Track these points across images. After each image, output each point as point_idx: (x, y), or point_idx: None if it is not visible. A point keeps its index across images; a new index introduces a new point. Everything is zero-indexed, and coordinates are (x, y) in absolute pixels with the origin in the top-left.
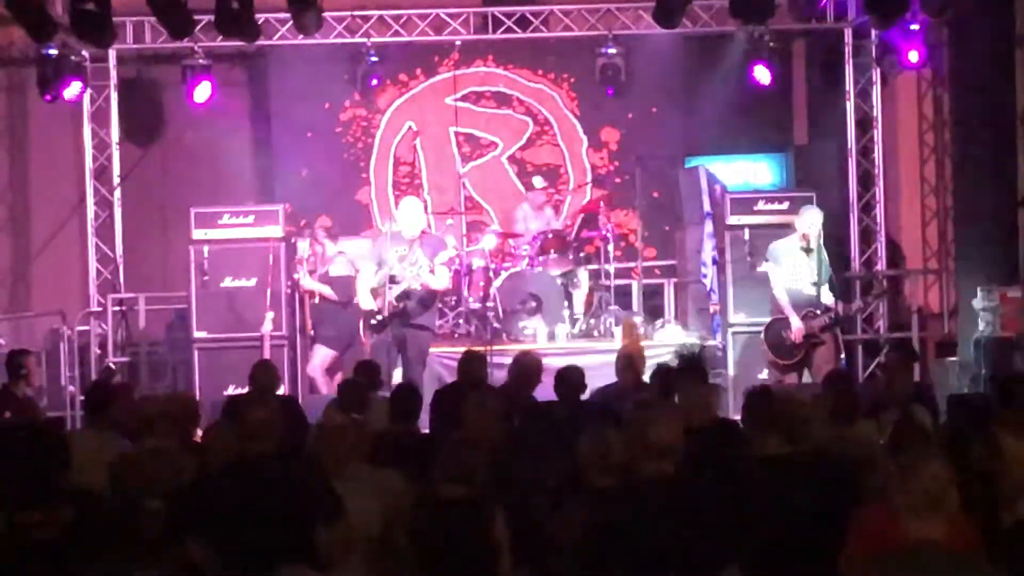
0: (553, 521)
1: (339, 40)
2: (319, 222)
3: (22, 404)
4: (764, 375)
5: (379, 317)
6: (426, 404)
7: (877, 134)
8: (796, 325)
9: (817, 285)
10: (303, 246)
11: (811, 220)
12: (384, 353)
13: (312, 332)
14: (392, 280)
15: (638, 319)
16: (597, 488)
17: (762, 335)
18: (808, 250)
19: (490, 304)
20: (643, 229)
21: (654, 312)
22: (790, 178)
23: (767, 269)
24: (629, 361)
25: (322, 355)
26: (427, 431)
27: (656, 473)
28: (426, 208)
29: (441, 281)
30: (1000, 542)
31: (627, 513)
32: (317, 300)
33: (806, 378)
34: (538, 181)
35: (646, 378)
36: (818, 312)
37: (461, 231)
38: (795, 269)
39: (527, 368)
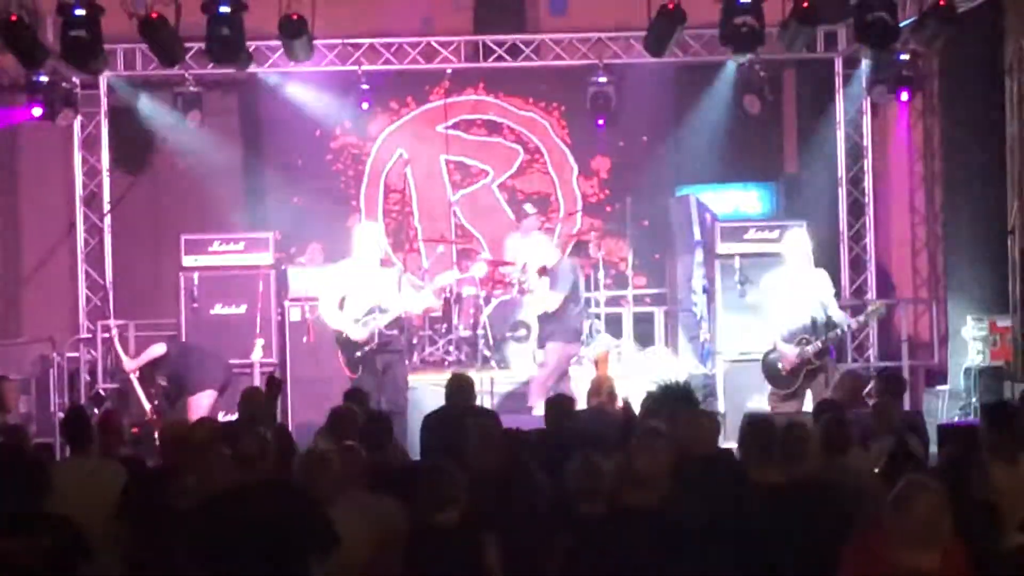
0: (542, 548)
1: (330, 68)
2: (309, 249)
3: (5, 432)
4: (754, 403)
5: (366, 349)
6: (414, 430)
7: (867, 163)
8: (789, 353)
9: (824, 306)
10: None
11: (792, 242)
12: (371, 383)
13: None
14: (379, 309)
15: (613, 348)
16: (584, 515)
17: (761, 366)
18: (792, 278)
19: (480, 331)
20: (633, 257)
21: (644, 340)
22: (780, 207)
23: (758, 300)
24: (597, 389)
25: (206, 403)
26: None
27: (641, 502)
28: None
29: (426, 304)
30: (994, 571)
31: (612, 541)
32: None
33: (809, 406)
34: (529, 208)
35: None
36: (811, 338)
37: (451, 259)
38: (788, 298)
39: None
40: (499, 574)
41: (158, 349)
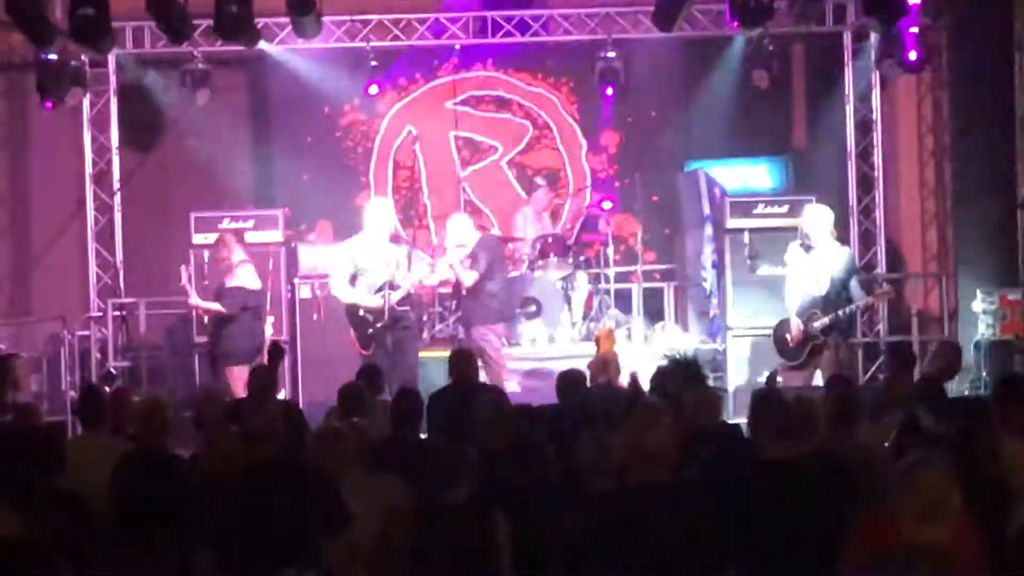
0: (551, 524)
1: (339, 44)
2: (318, 226)
3: (17, 409)
4: (763, 378)
5: (378, 325)
6: None
7: (877, 137)
8: (794, 325)
9: (839, 282)
10: (224, 251)
11: (813, 217)
12: (383, 359)
13: (214, 350)
14: (391, 286)
15: (620, 323)
16: (594, 491)
17: (772, 338)
18: (809, 248)
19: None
20: (643, 233)
21: (654, 315)
22: (790, 182)
23: (769, 272)
24: (604, 367)
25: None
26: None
27: (650, 478)
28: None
29: (442, 276)
30: (1004, 546)
31: (622, 517)
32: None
33: (818, 380)
34: (539, 180)
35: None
36: (819, 314)
37: None
38: (799, 271)
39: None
40: (509, 551)
41: (218, 306)
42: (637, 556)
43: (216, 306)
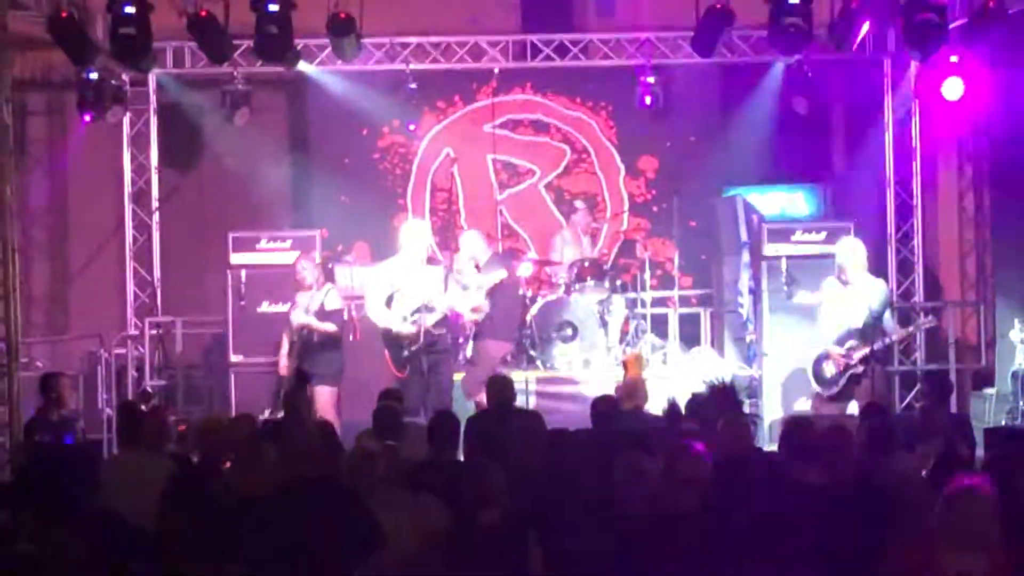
0: (584, 548)
1: (378, 67)
2: (356, 247)
3: (56, 427)
4: (800, 404)
5: (413, 348)
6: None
7: (916, 165)
8: (833, 355)
9: (875, 315)
10: (308, 271)
11: (847, 249)
12: (418, 382)
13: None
14: (427, 308)
15: (656, 347)
16: (627, 516)
17: (810, 369)
18: (845, 282)
19: (526, 331)
20: (680, 258)
21: (690, 341)
22: (827, 209)
23: (805, 300)
24: (632, 391)
25: (327, 395)
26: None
27: (683, 504)
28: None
29: (474, 304)
30: None
31: (654, 543)
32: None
33: (853, 410)
34: (579, 204)
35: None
36: (858, 344)
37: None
38: (836, 303)
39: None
40: (541, 573)
41: (328, 326)
42: None
43: (330, 326)
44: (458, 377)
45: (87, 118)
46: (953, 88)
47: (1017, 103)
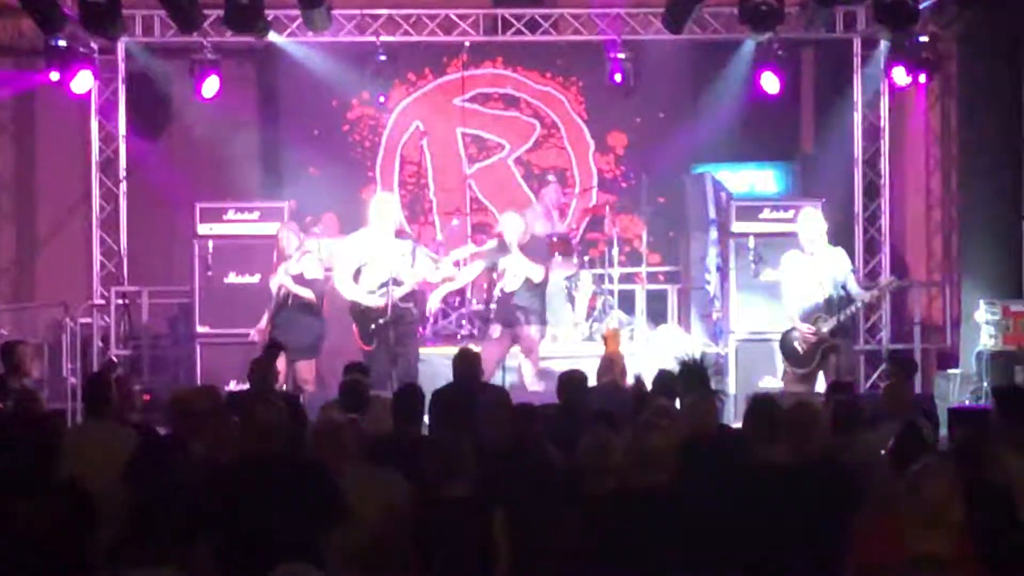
0: (551, 523)
1: (348, 38)
2: (324, 219)
3: (19, 395)
4: (766, 382)
5: (380, 321)
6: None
7: (884, 144)
8: (803, 330)
9: (840, 284)
10: (290, 239)
11: (807, 221)
12: (383, 355)
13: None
14: (395, 281)
15: (624, 323)
16: (594, 492)
17: (778, 346)
18: (808, 253)
19: (493, 306)
20: (648, 234)
21: (657, 317)
22: (796, 187)
23: (772, 279)
24: (609, 366)
25: (305, 367)
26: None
27: (650, 481)
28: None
29: (445, 275)
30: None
31: (621, 519)
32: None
33: (821, 387)
34: (550, 177)
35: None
36: (826, 316)
37: (466, 232)
38: (801, 277)
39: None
40: (508, 548)
41: (304, 291)
42: (635, 558)
43: (307, 292)
44: (427, 352)
45: (52, 70)
46: (922, 67)
47: (984, 82)
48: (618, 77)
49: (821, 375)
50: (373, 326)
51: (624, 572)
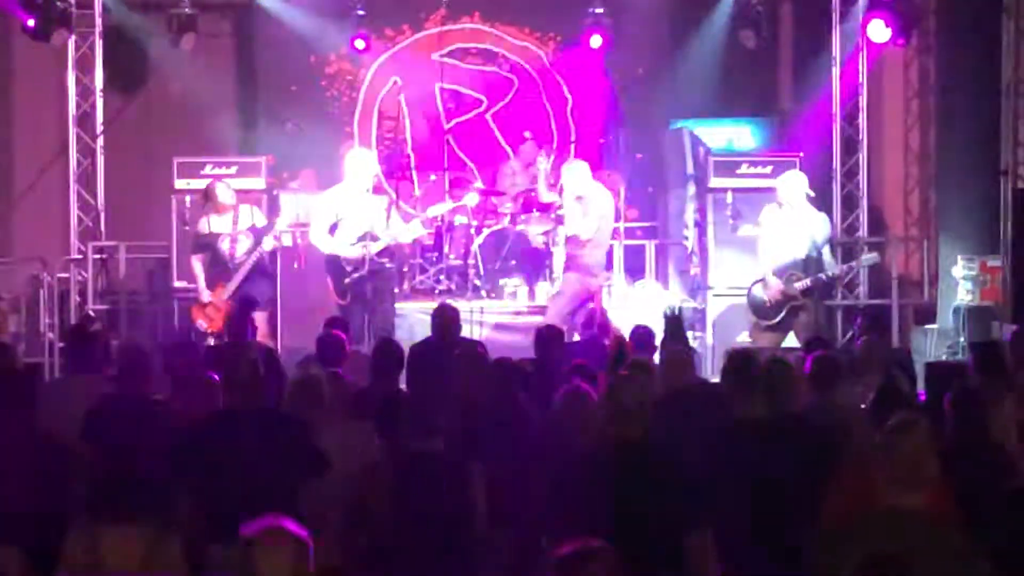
0: (529, 478)
1: None
2: (302, 175)
3: None
4: (743, 338)
5: (355, 275)
6: None
7: (862, 100)
8: (772, 284)
9: (817, 248)
10: (230, 194)
11: (789, 182)
12: (360, 309)
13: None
14: (371, 237)
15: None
16: (571, 447)
17: (746, 296)
18: (789, 214)
19: (471, 261)
20: (626, 190)
21: (635, 273)
22: (774, 143)
23: (750, 234)
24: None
25: (265, 320)
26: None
27: (626, 435)
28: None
29: (416, 235)
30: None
31: (598, 474)
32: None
33: (790, 342)
34: (528, 134)
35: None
36: (800, 275)
37: (444, 188)
38: (777, 234)
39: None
40: (484, 504)
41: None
42: (609, 512)
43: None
44: (405, 306)
45: (30, 24)
46: (900, 22)
47: (963, 39)
48: (596, 41)
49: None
50: (347, 280)
51: (599, 525)
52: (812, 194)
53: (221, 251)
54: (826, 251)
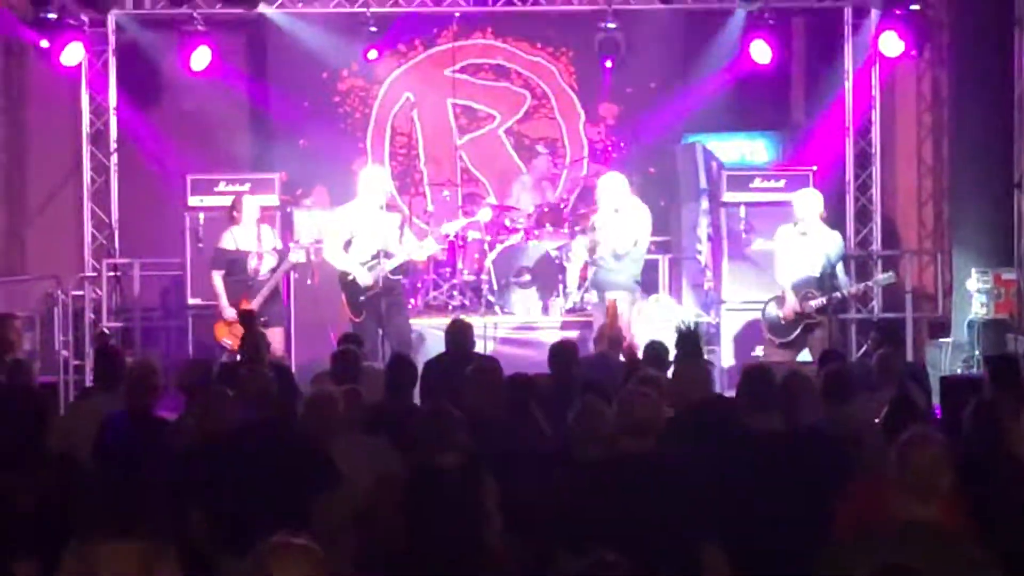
0: (541, 492)
1: (338, 10)
2: (315, 192)
3: (10, 369)
4: (757, 352)
5: (369, 292)
6: None
7: (875, 113)
8: (789, 302)
9: (831, 265)
10: (255, 207)
11: (805, 201)
12: (373, 326)
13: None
14: (385, 254)
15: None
16: (583, 460)
17: (761, 314)
18: (804, 233)
19: (484, 277)
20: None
21: (648, 288)
22: (787, 156)
23: (764, 249)
24: (600, 337)
25: (280, 336)
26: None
27: (638, 448)
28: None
29: (429, 252)
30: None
31: (609, 486)
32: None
33: (804, 357)
34: (541, 148)
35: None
36: (816, 293)
37: (457, 203)
38: (792, 252)
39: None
40: (498, 517)
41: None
42: (623, 524)
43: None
44: (419, 322)
45: (43, 39)
46: (913, 36)
47: (976, 51)
48: (609, 64)
49: (807, 349)
50: (362, 297)
51: (612, 538)
52: (825, 214)
53: (248, 267)
54: (839, 269)
